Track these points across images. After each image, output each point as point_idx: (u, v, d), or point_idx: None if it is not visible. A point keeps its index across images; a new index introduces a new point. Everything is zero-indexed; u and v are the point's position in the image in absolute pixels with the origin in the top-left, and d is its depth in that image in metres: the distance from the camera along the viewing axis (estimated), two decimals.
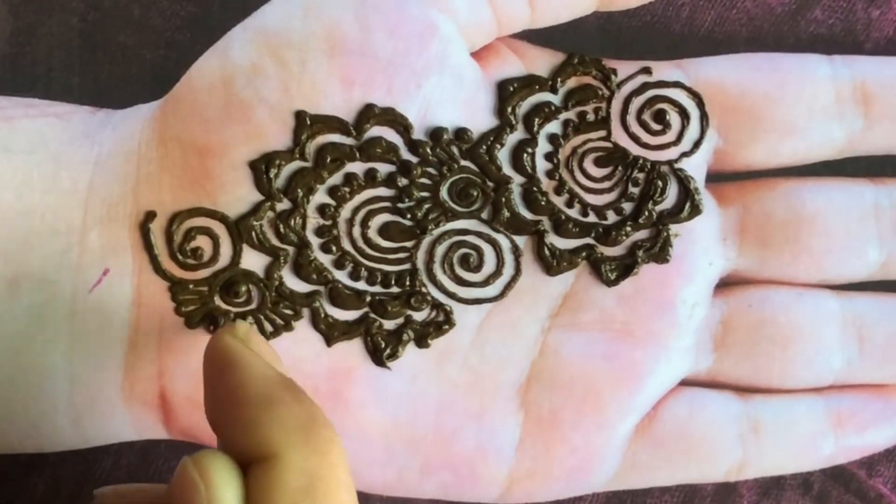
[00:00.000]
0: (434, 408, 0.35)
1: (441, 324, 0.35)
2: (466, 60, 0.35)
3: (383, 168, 0.34)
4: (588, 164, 0.36)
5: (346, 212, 0.35)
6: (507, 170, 0.35)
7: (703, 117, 0.36)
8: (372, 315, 0.35)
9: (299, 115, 0.33)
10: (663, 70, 0.36)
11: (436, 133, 0.34)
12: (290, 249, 0.34)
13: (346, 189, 0.34)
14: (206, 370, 0.30)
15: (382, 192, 0.35)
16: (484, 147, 0.35)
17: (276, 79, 0.33)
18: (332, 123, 0.34)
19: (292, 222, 0.34)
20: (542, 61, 0.36)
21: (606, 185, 0.36)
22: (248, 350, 0.29)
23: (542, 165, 0.35)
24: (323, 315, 0.35)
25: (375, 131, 0.34)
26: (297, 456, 0.27)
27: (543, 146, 0.35)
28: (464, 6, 0.34)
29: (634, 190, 0.36)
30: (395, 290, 0.35)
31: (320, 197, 0.34)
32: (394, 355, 0.35)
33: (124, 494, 0.32)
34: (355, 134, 0.34)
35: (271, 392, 0.28)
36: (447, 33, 0.34)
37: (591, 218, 0.36)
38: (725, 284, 0.37)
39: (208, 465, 0.27)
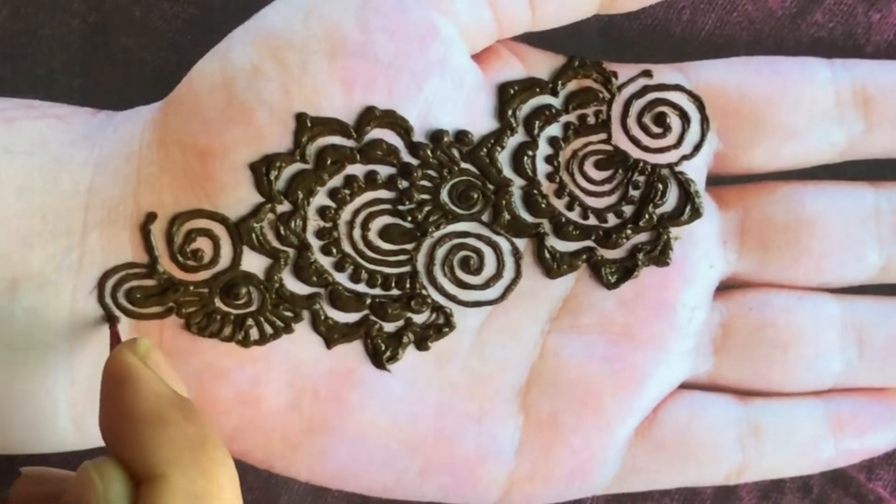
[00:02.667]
0: (434, 410, 0.35)
1: (441, 326, 0.35)
2: (467, 63, 0.35)
3: (384, 170, 0.34)
4: (588, 167, 0.36)
5: (346, 214, 0.35)
6: (508, 172, 0.35)
7: (704, 120, 0.36)
8: (372, 317, 0.35)
9: (300, 117, 0.33)
10: (664, 73, 0.36)
11: (436, 135, 0.34)
12: (291, 251, 0.34)
13: (347, 191, 0.34)
14: (103, 385, 0.30)
15: (383, 194, 0.35)
16: (484, 150, 0.35)
17: (276, 81, 0.33)
18: (332, 125, 0.34)
19: (293, 224, 0.34)
20: (542, 64, 0.36)
21: (607, 187, 0.36)
22: (144, 368, 0.30)
23: (542, 168, 0.35)
24: (323, 317, 0.35)
25: (376, 133, 0.34)
26: (183, 477, 0.28)
27: (544, 149, 0.35)
28: (465, 9, 0.34)
29: (635, 193, 0.36)
30: (395, 292, 0.35)
31: (321, 199, 0.34)
32: (394, 358, 0.35)
33: (44, 480, 0.32)
34: (356, 136, 0.34)
35: (162, 411, 0.29)
36: (448, 36, 0.34)
37: (592, 221, 0.36)
38: (725, 288, 0.37)
39: (107, 470, 0.28)
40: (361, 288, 0.35)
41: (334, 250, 0.35)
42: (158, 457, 0.28)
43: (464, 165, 0.35)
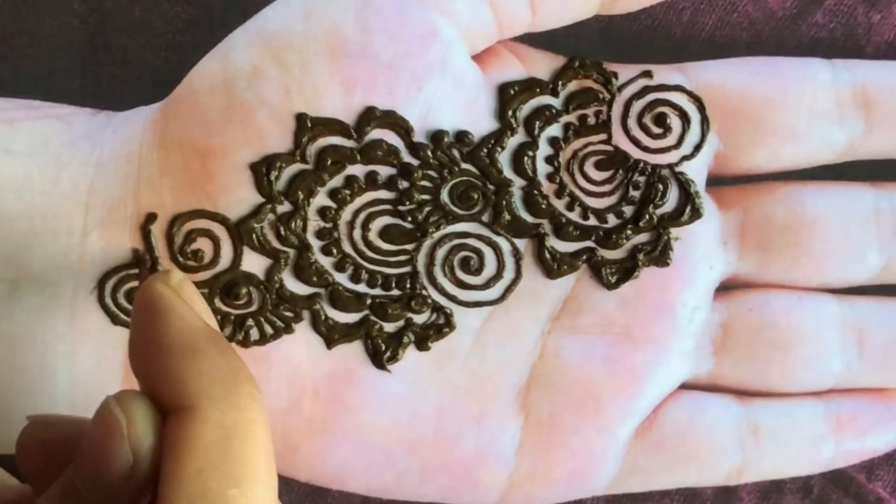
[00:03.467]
0: (434, 411, 0.35)
1: (441, 326, 0.35)
2: (467, 63, 0.35)
3: (384, 171, 0.34)
4: (589, 168, 0.36)
5: (346, 214, 0.35)
6: (508, 173, 0.35)
7: (704, 121, 0.36)
8: (372, 317, 0.35)
9: (300, 118, 0.33)
10: (664, 74, 0.36)
11: (437, 136, 0.34)
12: (291, 252, 0.34)
13: (347, 191, 0.34)
14: (135, 316, 0.29)
15: (383, 194, 0.35)
16: (485, 150, 0.35)
17: (276, 81, 0.33)
18: (332, 126, 0.34)
19: (293, 225, 0.34)
20: (543, 64, 0.36)
21: (607, 188, 0.36)
22: (178, 299, 0.29)
23: (542, 168, 0.35)
24: (323, 317, 0.35)
25: (376, 134, 0.34)
26: (214, 409, 0.27)
27: (544, 149, 0.35)
28: (465, 9, 0.34)
29: (635, 193, 0.36)
30: (395, 292, 0.35)
31: (321, 199, 0.34)
32: (394, 358, 0.35)
33: (53, 424, 0.31)
34: (356, 136, 0.34)
35: (196, 343, 0.28)
36: (448, 36, 0.34)
37: (592, 221, 0.36)
38: (726, 288, 0.37)
39: (130, 402, 0.27)
40: (362, 288, 0.35)
41: (334, 250, 0.35)
42: (190, 388, 0.27)
43: (464, 166, 0.35)
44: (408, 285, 0.35)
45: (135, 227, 0.34)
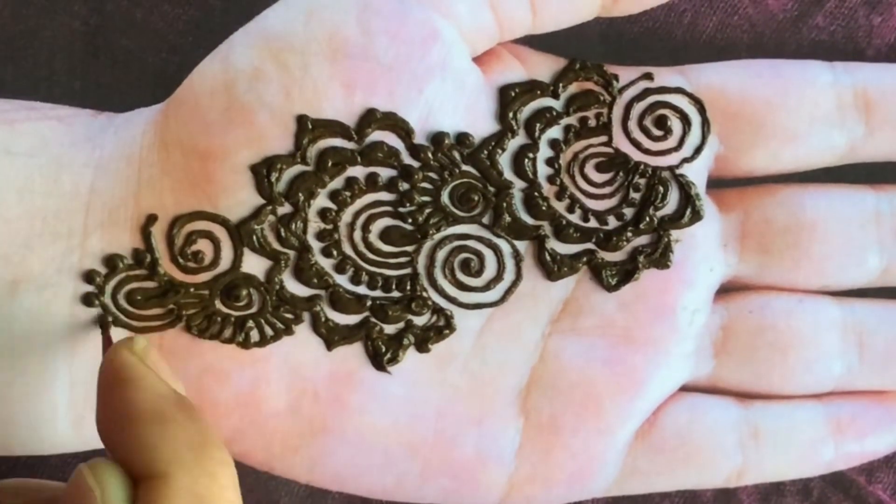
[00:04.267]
0: (434, 413, 0.35)
1: (441, 328, 0.35)
2: (468, 65, 0.35)
3: (384, 172, 0.34)
4: (589, 170, 0.36)
5: (347, 216, 0.35)
6: (509, 175, 0.35)
7: (705, 123, 0.36)
8: (372, 319, 0.35)
9: (301, 119, 0.33)
10: (665, 76, 0.36)
11: (437, 138, 0.34)
12: (291, 253, 0.34)
13: (348, 193, 0.34)
14: (101, 384, 0.30)
15: (384, 196, 0.35)
16: (485, 152, 0.35)
17: (277, 83, 0.33)
18: (333, 128, 0.34)
19: (293, 226, 0.34)
20: (543, 67, 0.36)
21: (607, 190, 0.36)
22: (143, 366, 0.29)
23: (543, 170, 0.35)
24: (323, 319, 0.35)
25: (377, 136, 0.34)
26: (186, 476, 0.28)
27: (545, 151, 0.35)
28: (466, 11, 0.34)
29: (635, 195, 0.36)
30: (395, 294, 0.35)
31: (321, 201, 0.34)
32: (394, 360, 0.35)
33: (21, 491, 0.32)
34: (357, 138, 0.34)
35: (164, 410, 0.28)
36: (449, 38, 0.34)
37: (592, 223, 0.36)
38: (726, 290, 0.37)
39: (103, 472, 0.28)
40: (362, 290, 0.35)
41: (335, 252, 0.35)
42: (160, 456, 0.28)
43: (464, 168, 0.35)
44: (408, 287, 0.35)
45: (135, 228, 0.34)
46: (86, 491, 0.27)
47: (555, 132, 0.35)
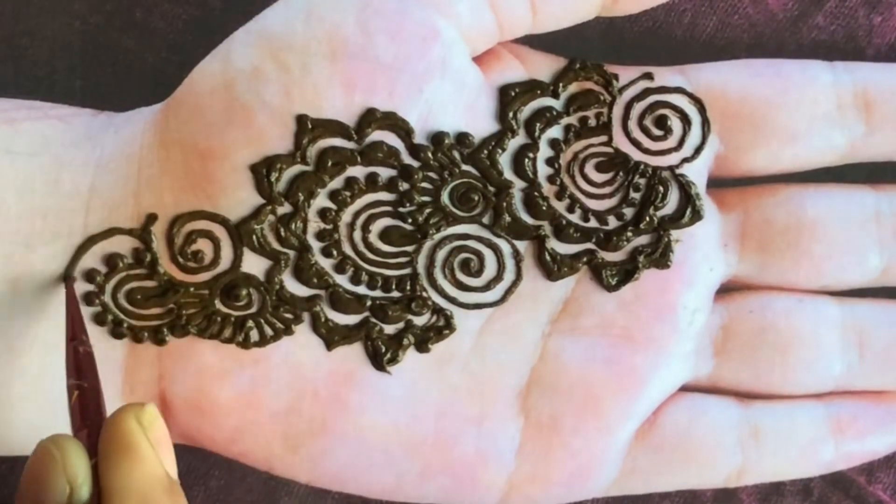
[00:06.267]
0: (434, 412, 0.35)
1: (441, 328, 0.35)
2: (468, 65, 0.35)
3: (384, 172, 0.34)
4: (589, 170, 0.36)
5: (347, 216, 0.35)
6: (509, 174, 0.35)
7: (705, 123, 0.36)
8: (372, 319, 0.35)
9: (301, 119, 0.33)
10: (665, 75, 0.36)
11: (437, 137, 0.34)
12: (291, 253, 0.34)
13: (347, 193, 0.34)
14: (101, 445, 0.29)
15: (383, 196, 0.35)
16: (485, 152, 0.35)
17: (277, 82, 0.33)
18: (333, 127, 0.34)
19: (293, 226, 0.34)
20: (543, 66, 0.36)
21: (607, 190, 0.36)
22: (145, 441, 0.29)
23: (543, 170, 0.35)
24: (323, 319, 0.35)
25: (377, 135, 0.34)
26: None
27: (545, 151, 0.35)
28: (466, 11, 0.34)
29: (636, 195, 0.36)
30: (395, 294, 0.35)
31: (321, 201, 0.34)
32: (394, 360, 0.35)
33: None
34: (356, 138, 0.34)
35: (151, 494, 0.28)
36: (449, 38, 0.34)
37: (592, 223, 0.36)
38: (726, 290, 0.37)
39: (64, 441, 0.28)
40: (362, 290, 0.35)
41: (335, 252, 0.35)
42: None
43: (464, 167, 0.35)
44: (408, 287, 0.35)
45: (135, 227, 0.34)
46: (48, 456, 0.28)
47: (555, 132, 0.35)
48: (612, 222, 0.36)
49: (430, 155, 0.34)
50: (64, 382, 0.34)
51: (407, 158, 0.34)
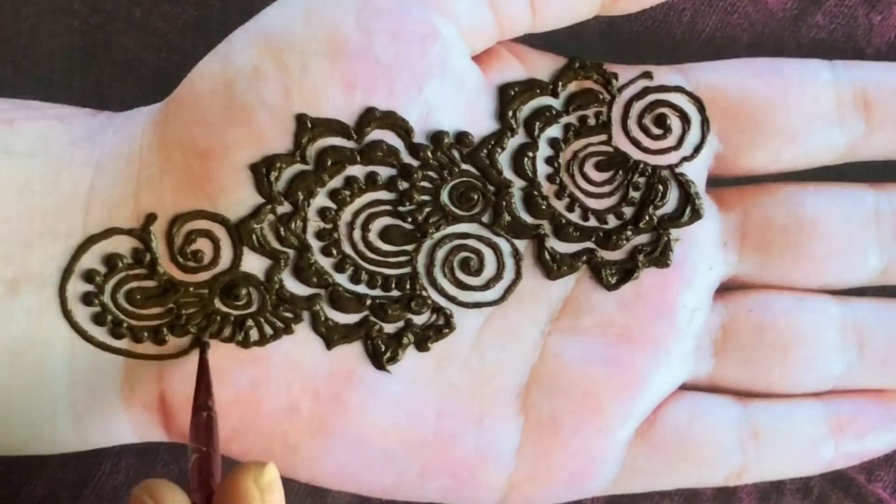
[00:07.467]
0: (434, 411, 0.35)
1: (441, 327, 0.35)
2: (468, 64, 0.35)
3: (384, 171, 0.34)
4: (589, 169, 0.36)
5: (346, 215, 0.35)
6: (508, 174, 0.35)
7: (704, 122, 0.36)
8: (372, 318, 0.35)
9: (300, 119, 0.33)
10: (664, 75, 0.36)
11: (437, 137, 0.34)
12: (291, 252, 0.34)
13: (347, 192, 0.34)
14: (218, 495, 0.30)
15: (383, 195, 0.35)
16: (485, 151, 0.35)
17: (277, 82, 0.33)
18: (332, 127, 0.34)
19: (293, 225, 0.34)
20: (543, 65, 0.36)
21: (607, 189, 0.36)
22: None
23: (542, 169, 0.35)
24: (323, 318, 0.35)
25: (376, 135, 0.34)
26: None
27: (544, 150, 0.35)
28: (465, 10, 0.34)
29: (635, 194, 0.36)
30: (395, 293, 0.35)
31: (321, 200, 0.34)
32: (394, 359, 0.35)
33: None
34: (356, 137, 0.34)
35: None
36: (448, 37, 0.34)
37: (592, 222, 0.36)
38: (726, 289, 0.37)
39: (159, 488, 0.28)
40: (361, 289, 0.35)
41: (334, 251, 0.35)
42: None
43: (464, 167, 0.35)
44: (408, 286, 0.35)
45: (135, 227, 0.34)
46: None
47: (554, 131, 0.35)
48: (612, 221, 0.36)
49: (429, 154, 0.34)
50: (64, 382, 0.34)
51: (406, 157, 0.34)
